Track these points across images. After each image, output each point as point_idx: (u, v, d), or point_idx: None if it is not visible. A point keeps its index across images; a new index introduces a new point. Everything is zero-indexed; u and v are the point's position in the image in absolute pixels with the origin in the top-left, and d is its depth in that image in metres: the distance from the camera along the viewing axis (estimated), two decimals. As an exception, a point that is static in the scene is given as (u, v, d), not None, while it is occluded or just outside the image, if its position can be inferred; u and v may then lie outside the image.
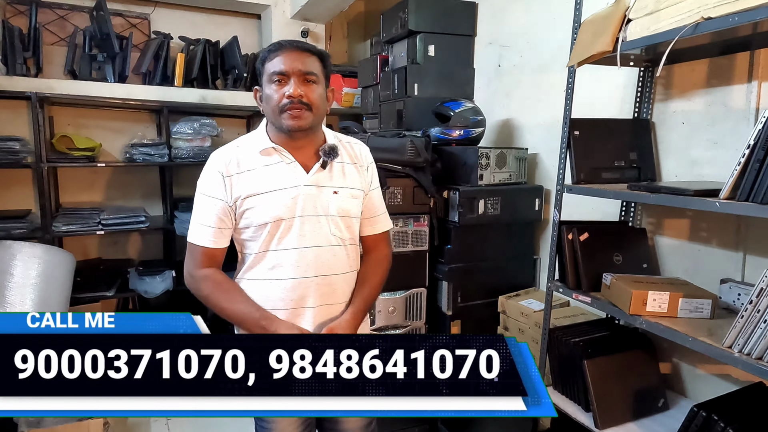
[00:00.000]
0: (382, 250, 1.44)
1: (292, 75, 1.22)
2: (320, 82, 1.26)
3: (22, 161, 3.01)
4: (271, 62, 1.24)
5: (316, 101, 1.24)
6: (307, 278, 1.26)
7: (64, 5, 3.37)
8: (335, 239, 1.30)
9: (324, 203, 1.28)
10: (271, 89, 1.23)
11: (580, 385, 1.66)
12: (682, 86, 1.72)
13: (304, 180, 1.26)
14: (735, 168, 1.20)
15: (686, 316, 1.44)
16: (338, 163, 1.32)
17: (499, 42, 2.65)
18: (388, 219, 1.47)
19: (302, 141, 1.28)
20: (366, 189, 1.37)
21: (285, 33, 3.67)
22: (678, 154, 1.74)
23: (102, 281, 3.35)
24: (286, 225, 1.25)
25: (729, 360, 1.20)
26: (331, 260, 1.29)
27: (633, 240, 1.79)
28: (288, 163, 1.27)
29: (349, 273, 1.35)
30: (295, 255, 1.25)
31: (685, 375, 1.75)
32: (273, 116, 1.25)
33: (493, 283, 2.32)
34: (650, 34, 1.39)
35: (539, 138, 2.42)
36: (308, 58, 1.24)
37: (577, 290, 1.68)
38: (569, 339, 1.72)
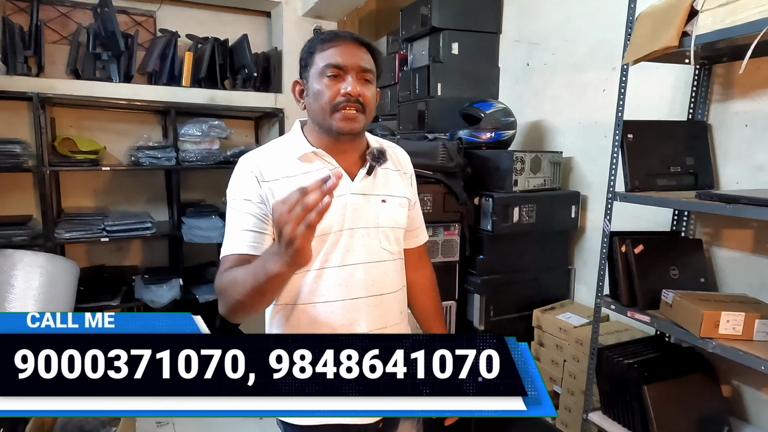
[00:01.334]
0: (428, 269, 1.32)
1: (350, 70, 1.06)
2: (374, 82, 1.12)
3: (23, 165, 2.87)
4: (325, 53, 1.08)
5: (371, 103, 1.10)
6: (357, 299, 1.11)
7: (66, 2, 3.23)
8: (386, 253, 1.15)
9: (372, 213, 1.13)
10: (323, 84, 1.07)
11: (636, 411, 1.52)
12: (746, 85, 1.59)
13: (351, 188, 1.11)
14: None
15: (763, 339, 1.31)
16: (383, 170, 1.17)
17: (528, 39, 2.51)
18: (425, 230, 1.34)
19: (347, 145, 1.13)
20: (413, 198, 1.24)
21: (296, 31, 3.54)
22: (740, 158, 1.61)
23: (106, 290, 3.22)
24: (332, 239, 1.09)
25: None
26: (382, 277, 1.14)
27: (688, 252, 1.66)
28: (331, 170, 1.11)
29: (400, 291, 1.21)
30: (343, 273, 1.10)
31: (748, 399, 1.61)
32: (321, 115, 1.09)
33: (526, 295, 2.18)
34: (725, 27, 1.25)
35: (572, 141, 2.28)
36: (366, 53, 1.09)
37: (632, 308, 1.54)
38: (621, 360, 1.59)
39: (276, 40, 3.65)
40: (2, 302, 2.45)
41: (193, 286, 3.47)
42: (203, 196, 3.76)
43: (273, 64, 3.54)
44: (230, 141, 3.59)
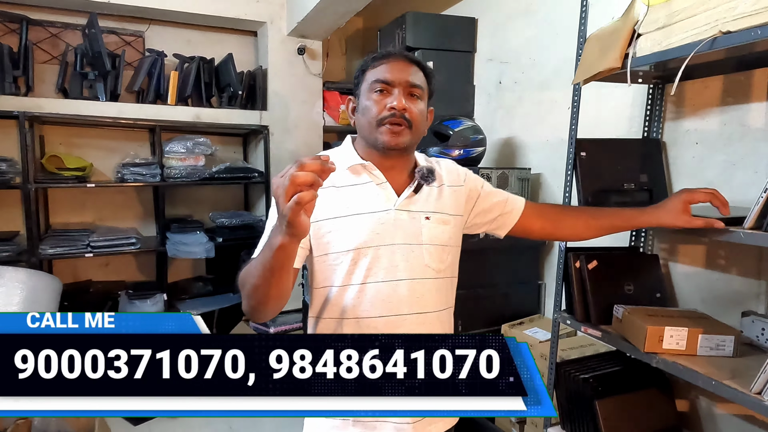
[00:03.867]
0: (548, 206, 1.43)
1: (397, 85, 1.09)
2: (424, 99, 1.14)
3: (10, 182, 2.93)
4: (375, 70, 1.12)
5: (418, 119, 1.11)
6: (400, 316, 1.10)
7: (56, 23, 3.32)
8: (430, 271, 1.13)
9: (416, 230, 1.13)
10: (371, 99, 1.10)
11: (590, 425, 1.54)
12: (696, 104, 1.63)
13: (396, 204, 1.12)
14: (761, 196, 1.09)
15: (706, 353, 1.32)
16: (431, 187, 1.18)
17: (500, 58, 2.57)
18: (516, 197, 1.33)
19: (395, 161, 1.15)
20: (470, 203, 1.25)
21: (281, 50, 3.61)
22: (692, 175, 1.64)
23: (91, 305, 3.25)
24: (374, 254, 1.09)
25: (759, 408, 1.08)
26: (425, 295, 1.13)
27: (645, 268, 1.68)
28: (378, 184, 1.13)
29: (445, 311, 1.19)
30: (386, 289, 1.09)
31: (703, 414, 1.62)
32: (368, 129, 1.12)
33: (496, 310, 2.20)
34: (662, 50, 1.29)
35: (542, 157, 2.32)
36: (416, 70, 1.12)
37: (585, 323, 1.57)
38: (578, 375, 1.60)
39: (261, 59, 3.72)
40: (-16, 317, 2.48)
41: (179, 300, 3.50)
42: (190, 212, 3.81)
43: (258, 83, 3.61)
44: (216, 158, 3.66)
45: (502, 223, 1.31)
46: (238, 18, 3.50)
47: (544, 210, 1.36)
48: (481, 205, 1.27)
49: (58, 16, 3.31)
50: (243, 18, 3.50)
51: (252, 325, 3.41)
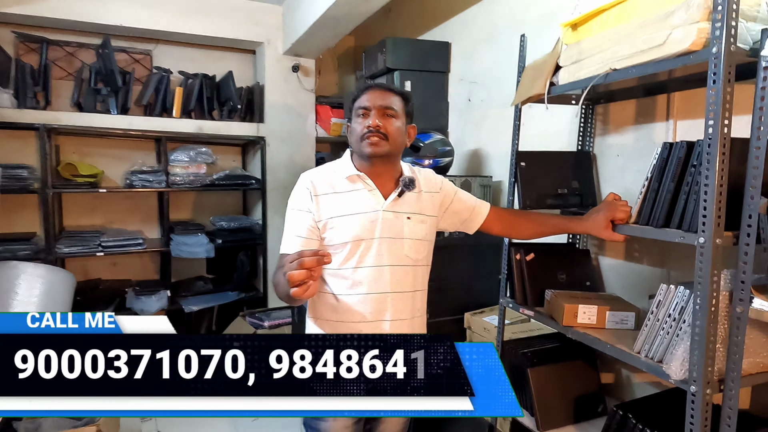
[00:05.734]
0: (514, 215, 1.72)
1: (373, 109, 1.41)
2: (399, 117, 1.45)
3: (29, 187, 3.24)
4: (359, 99, 1.45)
5: (393, 133, 1.42)
6: (384, 294, 1.41)
7: (72, 43, 3.64)
8: (409, 260, 1.45)
9: (399, 227, 1.43)
10: (357, 122, 1.43)
11: (527, 392, 1.82)
12: (617, 122, 1.93)
13: (383, 206, 1.43)
14: (638, 196, 1.39)
15: (613, 327, 1.62)
16: (412, 193, 1.48)
17: (469, 78, 2.88)
18: (483, 203, 1.66)
19: (381, 168, 1.45)
20: (444, 206, 1.58)
21: (278, 68, 3.94)
22: (614, 182, 1.94)
23: (101, 300, 3.55)
24: (365, 245, 1.40)
25: (637, 363, 1.38)
26: (404, 279, 1.44)
27: (578, 260, 1.97)
28: (369, 190, 1.43)
29: (419, 292, 1.51)
30: (373, 272, 1.40)
31: (624, 383, 1.91)
32: (356, 144, 1.43)
33: (460, 301, 2.49)
34: (574, 81, 1.59)
35: (504, 167, 2.61)
36: (390, 96, 1.44)
37: (523, 305, 1.86)
38: (518, 350, 1.89)
39: (259, 76, 4.04)
40: (6, 308, 2.77)
41: (181, 297, 3.80)
42: (192, 216, 4.12)
43: (256, 97, 3.94)
44: (217, 166, 3.97)
45: (470, 224, 1.66)
46: (238, 38, 3.83)
47: (503, 215, 1.71)
48: (452, 208, 1.62)
49: (73, 37, 3.63)
50: (242, 38, 3.83)
51: (248, 319, 3.70)
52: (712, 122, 1.15)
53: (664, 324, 1.32)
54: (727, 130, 1.15)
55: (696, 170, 1.25)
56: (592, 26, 1.51)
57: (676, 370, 1.25)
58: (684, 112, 1.68)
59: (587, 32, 1.53)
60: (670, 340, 1.31)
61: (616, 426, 1.48)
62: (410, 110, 1.51)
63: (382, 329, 1.42)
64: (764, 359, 1.29)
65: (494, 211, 1.67)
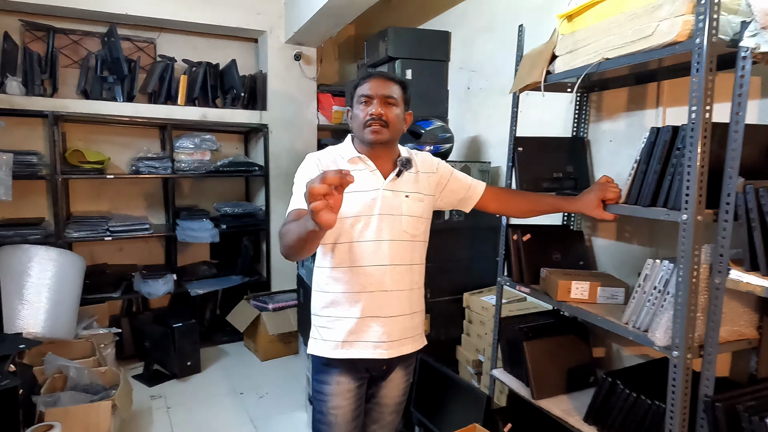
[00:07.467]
0: (503, 190, 1.79)
1: (375, 97, 1.48)
2: (399, 105, 1.52)
3: (38, 173, 3.32)
4: (361, 87, 1.52)
5: (393, 120, 1.50)
6: (384, 266, 1.50)
7: (78, 31, 3.70)
8: (406, 235, 1.53)
9: (397, 204, 1.52)
10: (359, 109, 1.51)
11: (523, 365, 1.94)
12: (610, 110, 2.03)
13: (383, 185, 1.51)
14: (627, 178, 1.49)
15: (604, 302, 1.73)
16: (411, 173, 1.57)
17: (469, 67, 2.96)
18: (478, 182, 1.75)
19: (380, 152, 1.53)
20: (440, 186, 1.66)
21: (280, 56, 4.01)
22: (607, 167, 2.04)
23: (109, 284, 3.65)
24: (365, 221, 1.48)
25: (625, 332, 1.49)
26: (401, 252, 1.53)
27: (572, 241, 2.08)
28: (371, 171, 1.52)
29: (417, 265, 1.59)
30: (373, 246, 1.49)
31: (614, 356, 2.03)
32: (358, 130, 1.52)
33: (460, 281, 2.60)
34: (569, 69, 1.68)
35: (502, 153, 2.71)
36: (391, 84, 1.51)
37: (520, 283, 1.96)
38: (515, 326, 2.00)
39: (262, 64, 4.11)
40: (20, 290, 2.87)
41: (186, 281, 3.89)
42: (196, 202, 4.20)
43: (259, 85, 4.00)
44: (220, 152, 4.05)
45: (466, 203, 1.75)
46: (240, 27, 3.89)
47: (499, 193, 1.79)
48: (449, 187, 1.71)
49: (79, 25, 3.69)
50: (245, 27, 3.89)
51: (252, 302, 3.81)
52: (695, 108, 1.25)
53: (650, 296, 1.43)
54: (709, 115, 1.24)
55: (680, 153, 1.35)
56: (586, 17, 1.59)
57: (660, 337, 1.36)
58: (673, 99, 1.78)
59: (582, 23, 1.62)
60: (655, 310, 1.41)
61: (605, 392, 1.59)
62: (408, 98, 1.59)
63: (383, 300, 1.51)
64: (741, 327, 1.40)
65: (490, 189, 1.76)
